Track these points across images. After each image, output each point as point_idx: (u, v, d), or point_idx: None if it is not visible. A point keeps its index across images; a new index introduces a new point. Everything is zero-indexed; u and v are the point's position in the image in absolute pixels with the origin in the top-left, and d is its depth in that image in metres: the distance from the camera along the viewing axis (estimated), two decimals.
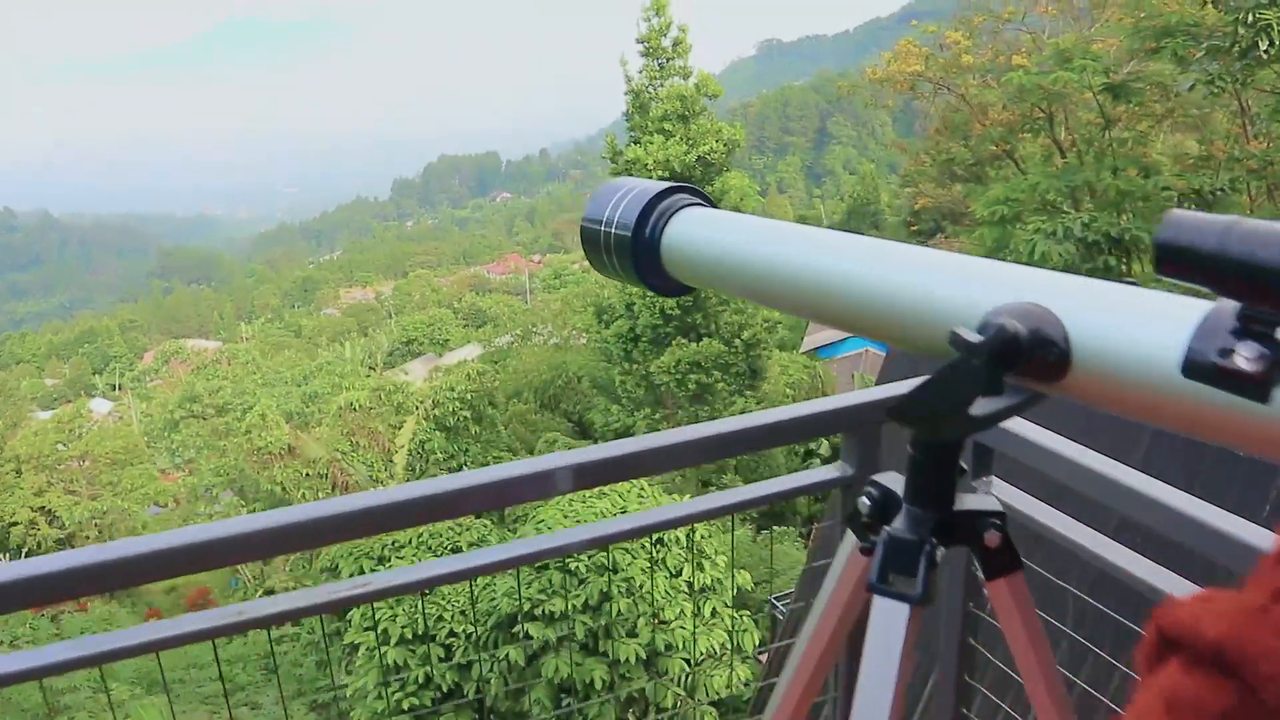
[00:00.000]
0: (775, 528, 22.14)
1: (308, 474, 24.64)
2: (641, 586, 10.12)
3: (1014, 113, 17.20)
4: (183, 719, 12.98)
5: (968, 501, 1.11)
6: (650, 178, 16.02)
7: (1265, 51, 11.81)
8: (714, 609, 10.71)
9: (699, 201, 1.17)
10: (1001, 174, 25.50)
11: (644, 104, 23.16)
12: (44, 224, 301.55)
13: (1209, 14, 13.41)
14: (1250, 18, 11.74)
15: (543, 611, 9.79)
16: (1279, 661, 0.45)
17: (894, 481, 1.11)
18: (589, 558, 10.06)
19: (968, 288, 0.88)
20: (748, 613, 11.52)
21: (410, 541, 11.64)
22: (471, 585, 10.69)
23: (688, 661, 10.11)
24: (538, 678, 9.95)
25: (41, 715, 11.04)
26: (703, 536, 11.06)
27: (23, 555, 33.12)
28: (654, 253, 1.13)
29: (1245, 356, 0.63)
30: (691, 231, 1.13)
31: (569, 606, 9.77)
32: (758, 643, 10.76)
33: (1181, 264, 0.63)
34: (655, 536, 10.79)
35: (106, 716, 11.33)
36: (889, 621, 1.02)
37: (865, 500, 1.12)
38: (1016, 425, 1.80)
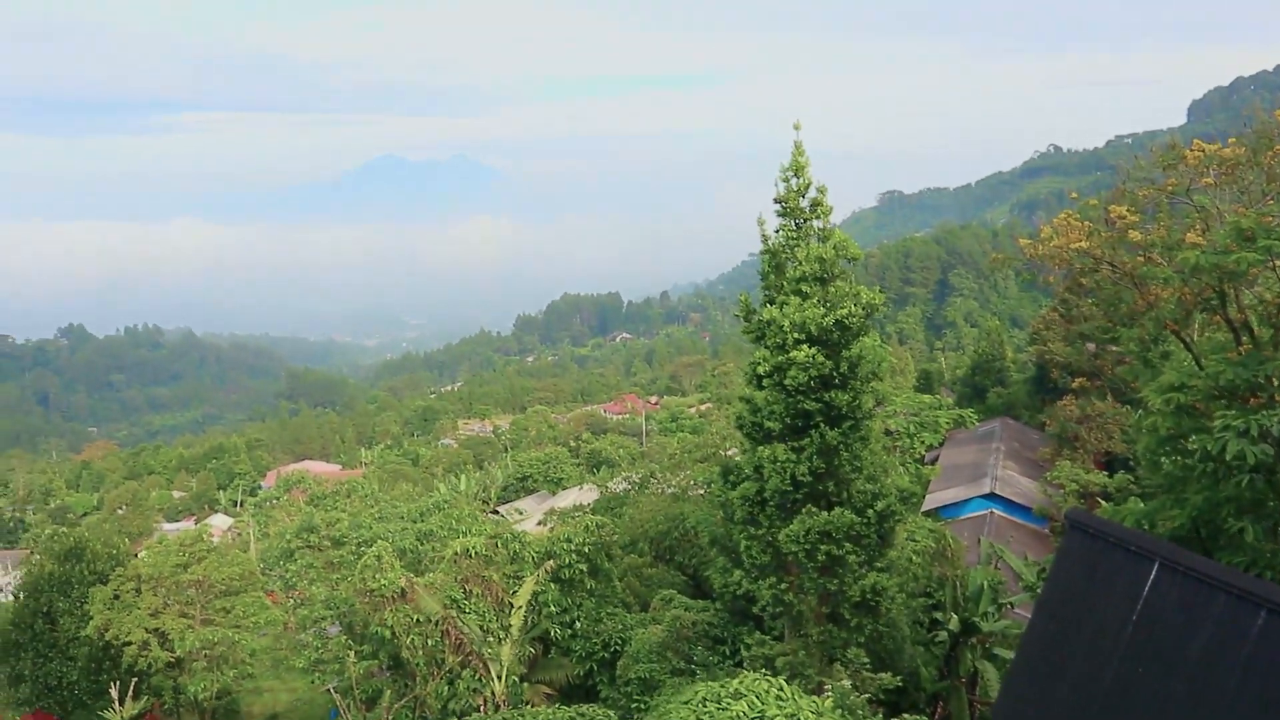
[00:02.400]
0: (907, 716, 20.44)
1: (418, 620, 24.16)
2: None
3: (1182, 290, 16.20)
4: None
5: None
6: (786, 340, 15.22)
7: None
8: None
9: None
10: (1132, 334, 24.19)
11: (780, 264, 22.77)
12: (187, 342, 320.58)
13: None
14: None
15: None
16: None
17: None
18: None
19: None
20: None
21: None
22: None
23: None
24: None
25: None
26: None
27: (133, 677, 33.20)
28: None
29: None
30: None
31: None
32: None
33: None
34: None
35: None
36: None
37: None
38: None
